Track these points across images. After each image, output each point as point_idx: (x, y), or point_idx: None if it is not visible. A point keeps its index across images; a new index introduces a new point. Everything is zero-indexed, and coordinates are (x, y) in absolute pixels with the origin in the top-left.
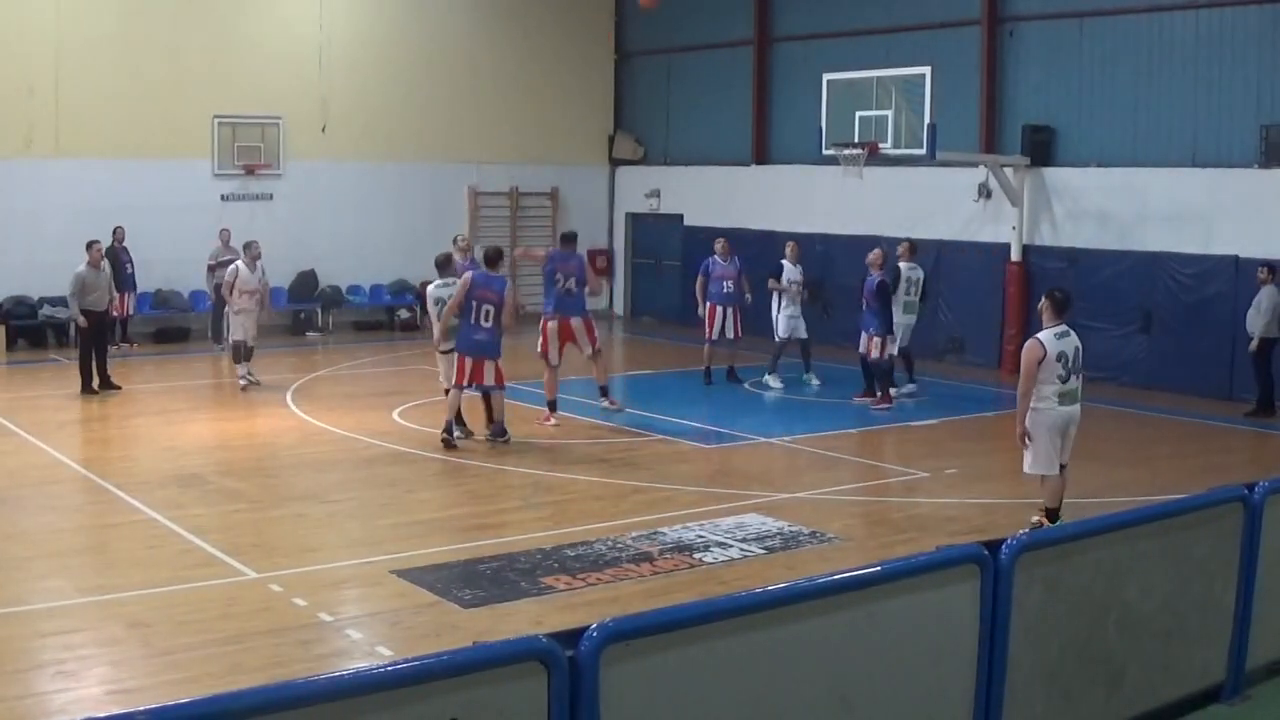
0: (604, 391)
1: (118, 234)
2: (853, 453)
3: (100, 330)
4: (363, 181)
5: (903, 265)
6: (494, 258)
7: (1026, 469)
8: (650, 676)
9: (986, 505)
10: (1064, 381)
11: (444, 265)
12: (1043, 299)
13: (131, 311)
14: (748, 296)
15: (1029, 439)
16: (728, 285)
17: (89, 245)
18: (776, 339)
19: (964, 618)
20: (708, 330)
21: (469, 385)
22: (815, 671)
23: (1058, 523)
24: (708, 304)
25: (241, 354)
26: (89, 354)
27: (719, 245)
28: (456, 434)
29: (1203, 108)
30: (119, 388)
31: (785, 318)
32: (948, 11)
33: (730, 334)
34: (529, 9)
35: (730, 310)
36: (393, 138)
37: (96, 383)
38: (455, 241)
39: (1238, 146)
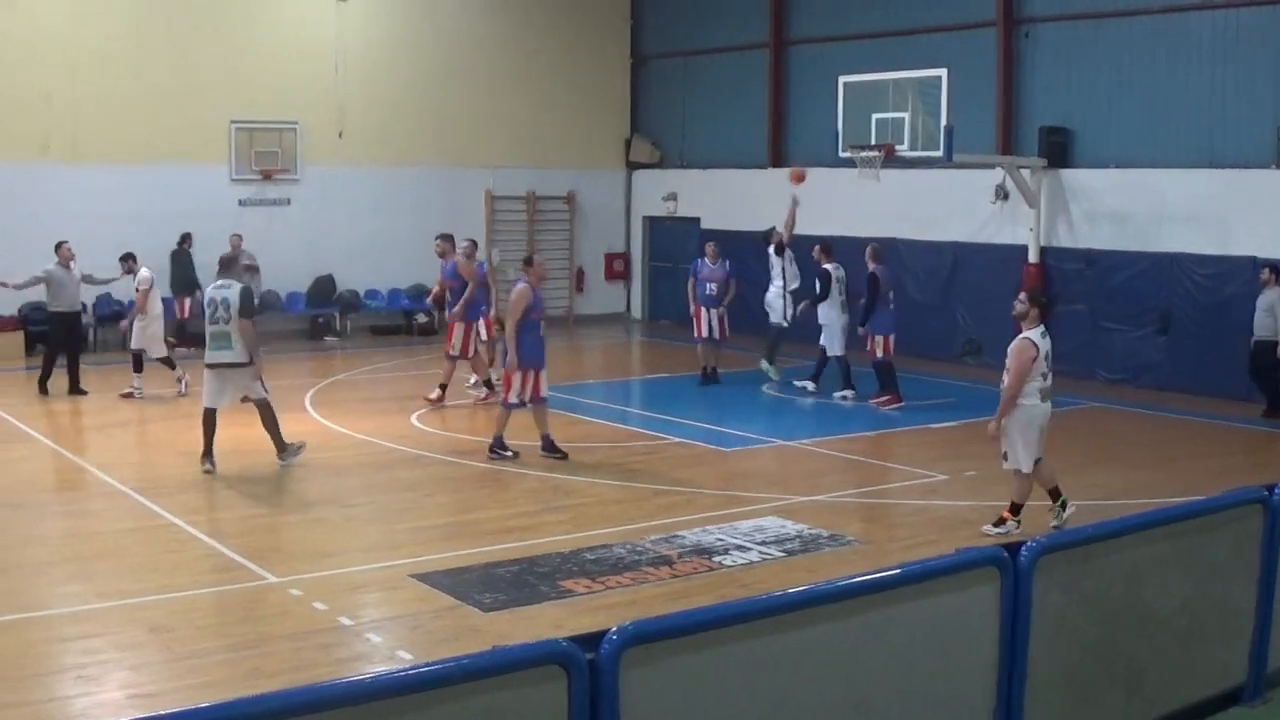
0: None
1: (186, 240)
2: (871, 455)
3: (73, 332)
4: (379, 186)
5: (829, 267)
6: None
7: (1017, 465)
8: (670, 680)
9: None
10: (1045, 379)
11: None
12: (1028, 303)
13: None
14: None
15: (1005, 435)
16: (711, 287)
17: (57, 246)
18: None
19: (984, 620)
20: (696, 330)
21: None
22: (835, 675)
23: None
24: (694, 305)
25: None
26: (55, 355)
27: (708, 248)
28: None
29: (1219, 108)
30: (85, 392)
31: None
32: (963, 13)
33: (716, 335)
34: (544, 13)
35: (714, 312)
36: (409, 142)
37: (68, 387)
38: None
39: (1255, 147)
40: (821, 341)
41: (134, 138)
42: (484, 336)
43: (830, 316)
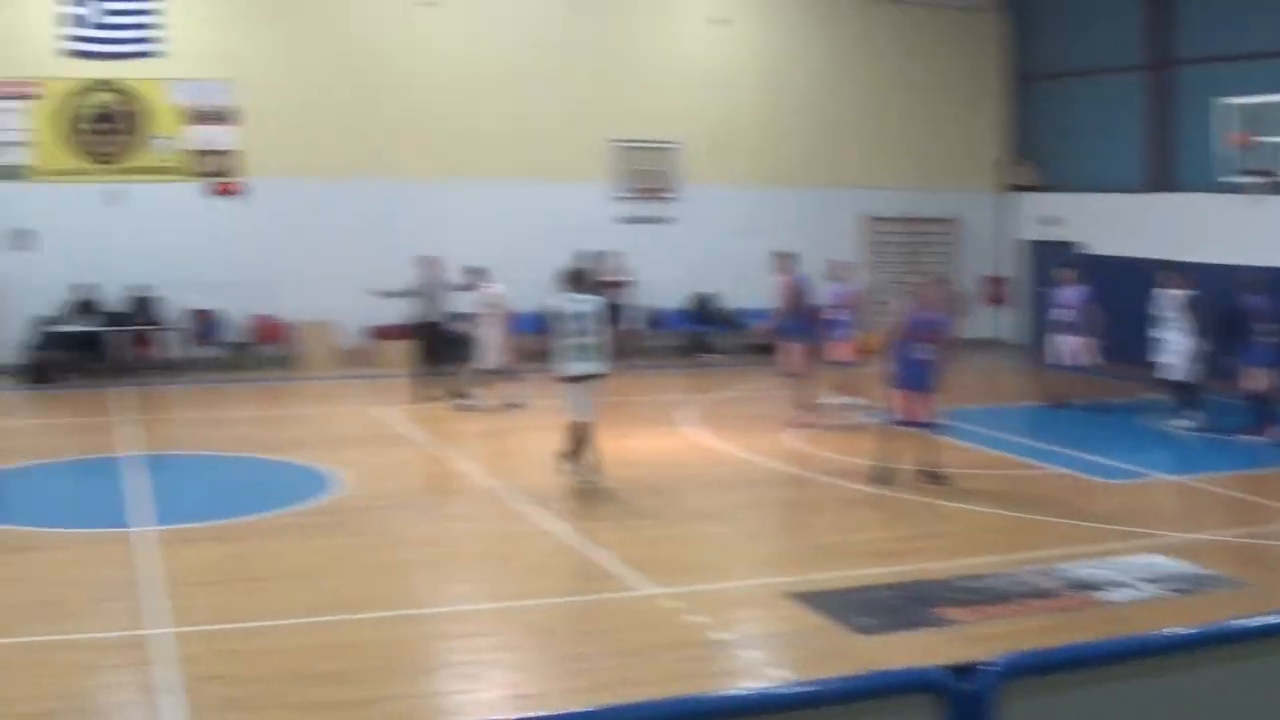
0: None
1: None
2: (1258, 493)
3: (442, 340)
4: (756, 205)
5: (1180, 293)
6: None
7: None
8: (1049, 716)
9: None
10: None
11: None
12: None
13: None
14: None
15: None
16: (1065, 314)
17: (427, 258)
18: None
19: None
20: (1050, 356)
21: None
22: None
23: None
24: (1049, 331)
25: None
26: (427, 362)
27: (1065, 274)
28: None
29: None
30: (468, 398)
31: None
32: None
33: (1073, 361)
34: (921, 33)
35: (1072, 339)
36: (785, 162)
37: (450, 394)
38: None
39: None
40: (1168, 366)
41: (519, 156)
42: (837, 358)
43: (1179, 342)
